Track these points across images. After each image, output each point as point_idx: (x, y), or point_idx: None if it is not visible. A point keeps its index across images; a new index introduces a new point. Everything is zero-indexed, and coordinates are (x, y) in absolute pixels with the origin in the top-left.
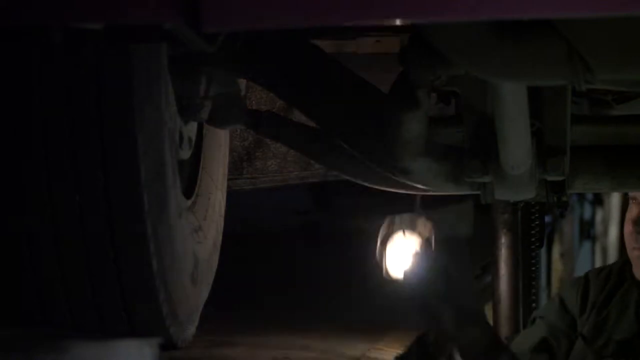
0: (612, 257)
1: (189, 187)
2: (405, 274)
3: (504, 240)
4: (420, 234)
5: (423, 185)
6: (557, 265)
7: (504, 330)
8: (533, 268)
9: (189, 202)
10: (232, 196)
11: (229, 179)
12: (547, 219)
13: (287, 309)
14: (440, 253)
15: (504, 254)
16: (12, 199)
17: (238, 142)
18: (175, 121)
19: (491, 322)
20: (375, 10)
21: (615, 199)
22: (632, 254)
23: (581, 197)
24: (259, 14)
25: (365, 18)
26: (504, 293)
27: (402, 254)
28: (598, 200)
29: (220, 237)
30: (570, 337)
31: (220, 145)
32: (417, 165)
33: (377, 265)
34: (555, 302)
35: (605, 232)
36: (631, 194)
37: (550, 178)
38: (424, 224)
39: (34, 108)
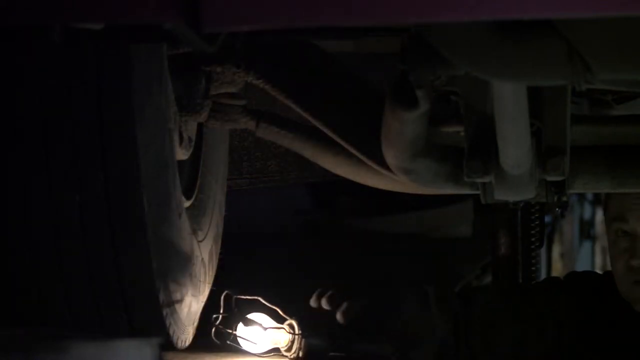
0: None
1: (189, 187)
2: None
3: (504, 240)
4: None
5: (423, 185)
6: (557, 265)
7: None
8: (533, 268)
9: (189, 202)
10: (232, 196)
11: (228, 179)
12: (547, 219)
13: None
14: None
15: (504, 253)
16: (12, 199)
17: (238, 142)
18: (175, 121)
19: None
20: (376, 11)
21: None
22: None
23: (581, 197)
24: (259, 14)
25: (365, 18)
26: None
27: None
28: (598, 200)
29: (220, 237)
30: None
31: (220, 145)
32: (417, 165)
33: None
34: None
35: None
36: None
37: (550, 178)
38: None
39: (34, 108)
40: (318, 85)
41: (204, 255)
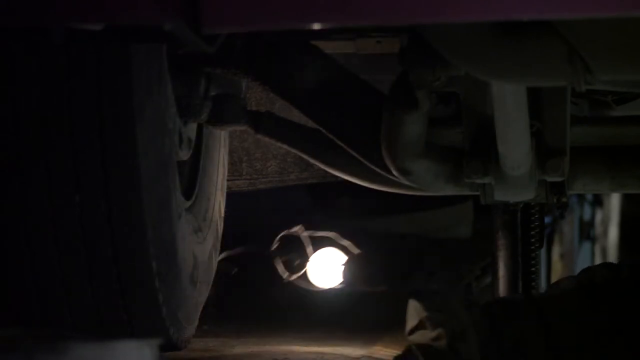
0: (612, 257)
1: (189, 188)
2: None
3: (503, 241)
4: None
5: (423, 186)
6: (557, 266)
7: None
8: (533, 269)
9: (189, 202)
10: (232, 197)
11: (228, 180)
12: (547, 219)
13: (286, 308)
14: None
15: (504, 254)
16: (12, 199)
17: (237, 143)
18: (175, 121)
19: None
20: (375, 11)
21: (615, 200)
22: None
23: (581, 197)
24: (258, 14)
25: (364, 19)
26: (504, 294)
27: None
28: (598, 201)
29: (220, 238)
30: None
31: (219, 146)
32: (417, 166)
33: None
34: None
35: (605, 232)
36: None
37: (550, 179)
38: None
39: (34, 108)
40: (317, 86)
41: (204, 255)
